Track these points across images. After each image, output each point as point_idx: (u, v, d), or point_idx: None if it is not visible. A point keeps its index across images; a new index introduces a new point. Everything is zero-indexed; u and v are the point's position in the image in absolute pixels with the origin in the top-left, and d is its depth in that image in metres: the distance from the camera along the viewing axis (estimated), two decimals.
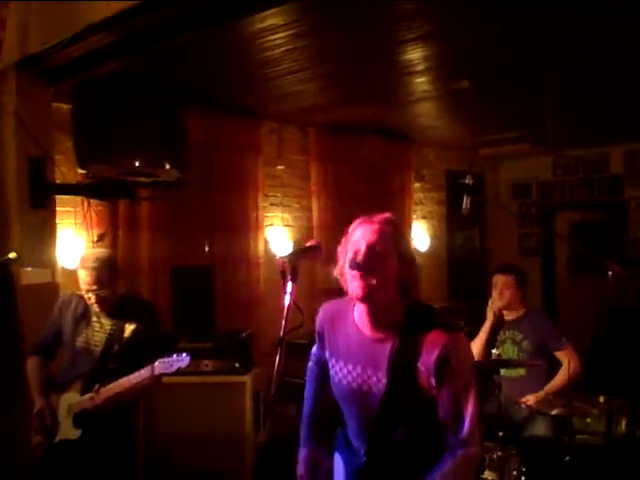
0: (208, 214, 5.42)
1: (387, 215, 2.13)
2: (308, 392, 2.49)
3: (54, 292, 4.14)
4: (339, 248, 2.14)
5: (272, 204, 6.03)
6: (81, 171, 4.34)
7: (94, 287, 3.24)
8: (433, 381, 2.01)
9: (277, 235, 6.02)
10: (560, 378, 4.12)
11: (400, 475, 2.12)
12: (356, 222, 2.13)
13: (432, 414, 2.04)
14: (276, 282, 5.90)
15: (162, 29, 3.58)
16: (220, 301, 5.49)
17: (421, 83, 5.03)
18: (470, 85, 4.74)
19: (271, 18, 3.59)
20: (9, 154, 4.06)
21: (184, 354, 3.13)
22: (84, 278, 3.25)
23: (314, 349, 2.49)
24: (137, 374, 3.12)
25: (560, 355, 4.16)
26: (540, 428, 4.09)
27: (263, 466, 4.46)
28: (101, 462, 3.20)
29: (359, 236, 2.06)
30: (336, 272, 2.15)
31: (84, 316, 3.37)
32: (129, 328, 3.31)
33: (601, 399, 4.36)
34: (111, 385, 3.13)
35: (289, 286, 2.01)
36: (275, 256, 5.97)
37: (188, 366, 3.15)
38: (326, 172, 6.30)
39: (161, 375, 3.12)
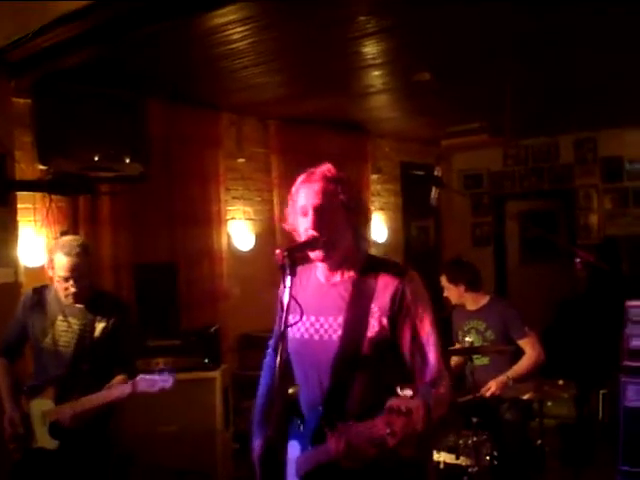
0: (169, 209, 5.34)
1: (327, 169, 2.14)
2: (263, 382, 2.42)
3: (16, 291, 4.02)
4: (287, 209, 2.20)
5: (234, 197, 5.98)
6: (41, 167, 4.22)
7: (75, 274, 3.07)
8: (385, 321, 2.01)
9: (239, 229, 5.98)
10: (522, 365, 4.17)
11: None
12: (298, 181, 2.16)
13: (387, 362, 2.03)
14: (239, 277, 5.93)
15: (123, 22, 3.53)
16: (184, 297, 5.43)
17: (379, 76, 5.10)
18: (430, 77, 4.79)
19: (231, 13, 3.60)
20: None
21: (167, 374, 3.02)
22: (65, 264, 3.05)
23: (272, 341, 2.48)
24: (118, 389, 3.01)
25: (522, 343, 4.22)
26: (507, 413, 4.18)
27: None
28: (80, 471, 3.09)
29: (304, 199, 2.09)
30: (287, 228, 2.20)
31: (47, 313, 3.20)
32: (99, 326, 3.17)
33: (560, 382, 4.47)
34: (90, 397, 3.00)
35: (288, 280, 1.94)
36: (238, 250, 5.95)
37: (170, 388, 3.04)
38: (286, 165, 6.28)
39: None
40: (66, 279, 3.08)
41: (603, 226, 7.79)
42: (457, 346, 4.41)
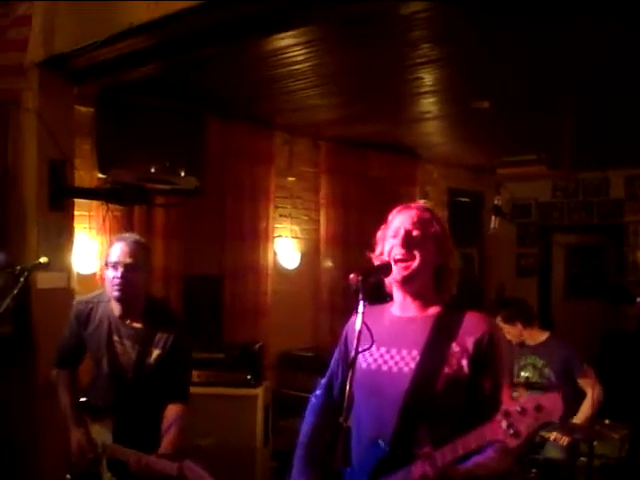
0: (220, 223, 5.38)
1: (424, 204, 2.18)
2: (308, 420, 2.30)
3: (69, 297, 4.04)
4: (378, 235, 2.16)
5: (281, 215, 6.00)
6: (100, 175, 4.29)
7: (128, 260, 2.85)
8: (465, 363, 1.93)
9: (285, 247, 5.99)
10: (586, 408, 4.10)
11: None
12: (395, 210, 2.15)
13: (460, 406, 1.93)
14: (282, 295, 5.93)
15: (188, 41, 3.58)
16: (228, 311, 5.44)
17: (435, 102, 5.07)
18: (489, 105, 4.76)
19: (294, 36, 3.64)
20: (30, 154, 3.98)
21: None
22: (119, 249, 2.88)
23: (323, 379, 2.35)
24: (164, 466, 2.72)
25: (583, 383, 4.14)
26: (554, 451, 4.09)
27: None
28: None
29: (398, 223, 2.08)
30: (375, 258, 2.14)
31: (103, 332, 3.00)
32: (154, 353, 2.94)
33: (606, 421, 4.36)
34: (142, 459, 2.73)
35: (361, 306, 1.88)
36: (284, 268, 5.95)
37: None
38: (335, 185, 6.30)
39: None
40: (115, 266, 2.86)
41: None
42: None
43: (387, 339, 2.03)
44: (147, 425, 2.92)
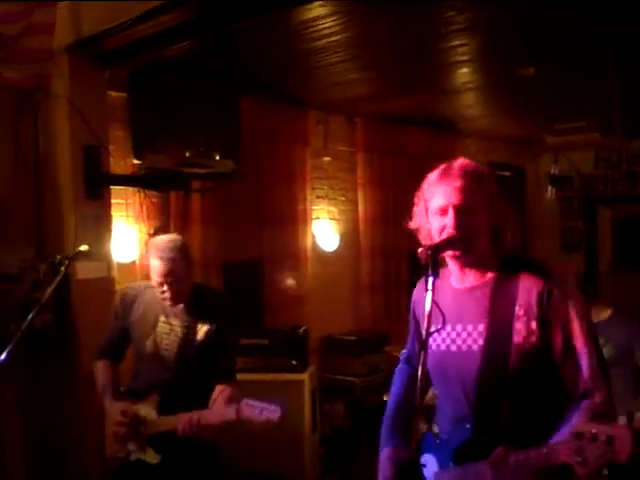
0: (257, 206, 5.27)
1: (466, 164, 1.92)
2: (394, 390, 2.27)
3: (109, 287, 4.00)
4: (416, 208, 2.01)
5: (318, 197, 5.86)
6: (135, 161, 4.18)
7: (170, 279, 2.84)
8: (534, 325, 1.79)
9: (323, 229, 5.85)
10: None
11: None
12: (433, 176, 1.94)
13: (538, 373, 1.82)
14: (322, 278, 5.79)
15: (218, 15, 3.45)
16: (268, 296, 5.34)
17: (476, 71, 4.88)
18: (535, 72, 4.55)
19: (323, 7, 3.50)
20: (63, 141, 3.90)
21: (274, 406, 2.57)
22: (159, 269, 2.84)
23: (405, 350, 2.30)
24: (220, 413, 2.70)
25: None
26: None
27: None
28: None
29: (443, 199, 1.87)
30: (413, 227, 2.02)
31: (148, 314, 3.01)
32: (202, 329, 2.91)
33: None
34: (193, 416, 2.70)
35: (430, 282, 1.75)
36: (323, 251, 5.82)
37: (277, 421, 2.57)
38: (372, 164, 6.14)
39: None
40: (161, 284, 2.88)
41: None
42: None
43: (451, 315, 1.90)
44: (192, 403, 2.81)
